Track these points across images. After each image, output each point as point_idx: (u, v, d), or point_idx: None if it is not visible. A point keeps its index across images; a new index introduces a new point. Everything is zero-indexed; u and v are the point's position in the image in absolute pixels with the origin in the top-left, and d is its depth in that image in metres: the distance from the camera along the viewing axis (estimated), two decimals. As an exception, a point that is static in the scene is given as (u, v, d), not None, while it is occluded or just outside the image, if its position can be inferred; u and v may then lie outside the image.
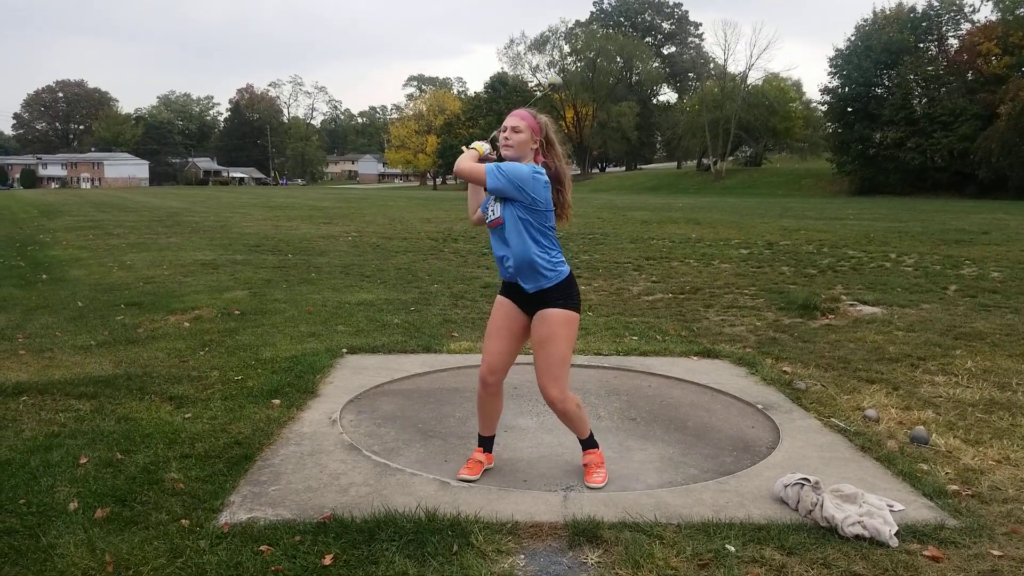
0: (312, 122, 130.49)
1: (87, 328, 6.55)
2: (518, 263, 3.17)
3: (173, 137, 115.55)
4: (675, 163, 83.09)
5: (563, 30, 77.00)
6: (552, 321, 3.18)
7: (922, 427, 3.99)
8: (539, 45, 76.27)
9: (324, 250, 13.46)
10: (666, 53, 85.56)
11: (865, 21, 51.28)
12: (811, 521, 2.89)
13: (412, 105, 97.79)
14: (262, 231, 17.92)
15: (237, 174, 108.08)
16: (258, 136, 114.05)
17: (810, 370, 5.25)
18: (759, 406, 4.43)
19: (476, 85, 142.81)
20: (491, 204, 3.22)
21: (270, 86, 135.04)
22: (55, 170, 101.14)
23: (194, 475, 3.30)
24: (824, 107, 55.76)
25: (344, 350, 5.65)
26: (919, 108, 46.61)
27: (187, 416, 4.10)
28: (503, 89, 73.58)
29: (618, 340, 6.14)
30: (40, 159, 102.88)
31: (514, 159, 3.17)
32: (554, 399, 3.23)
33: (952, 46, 49.07)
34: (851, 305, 7.79)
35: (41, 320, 6.92)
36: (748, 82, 64.30)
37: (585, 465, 3.39)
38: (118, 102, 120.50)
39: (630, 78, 79.81)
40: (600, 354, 5.66)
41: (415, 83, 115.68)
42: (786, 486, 3.08)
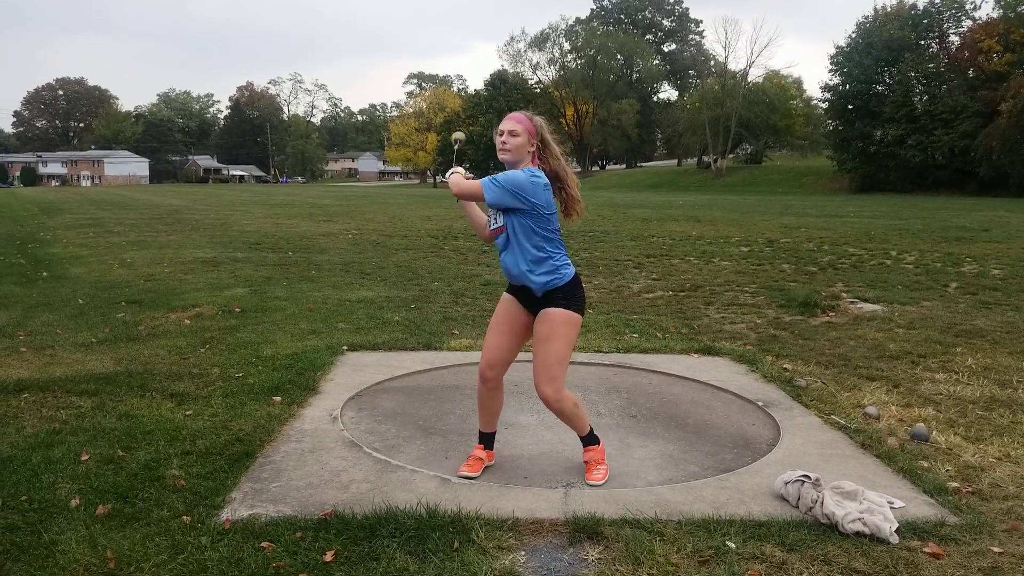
0: (312, 120, 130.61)
1: (88, 325, 6.56)
2: (523, 268, 3.17)
3: (173, 135, 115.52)
4: (675, 161, 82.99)
5: (563, 27, 76.90)
6: (554, 320, 3.18)
7: (922, 424, 3.99)
8: (539, 42, 76.15)
9: (324, 248, 13.47)
10: (666, 50, 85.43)
11: (866, 18, 51.23)
12: (811, 518, 2.90)
13: (412, 103, 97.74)
14: (262, 229, 17.92)
15: (237, 172, 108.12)
16: (258, 134, 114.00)
17: (810, 367, 5.25)
18: (759, 403, 4.43)
19: (476, 83, 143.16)
20: (493, 212, 3.23)
21: (270, 84, 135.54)
22: (55, 168, 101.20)
23: (195, 472, 3.30)
24: (825, 104, 55.65)
25: (345, 347, 5.66)
26: (920, 105, 46.54)
27: (188, 413, 4.11)
28: (503, 86, 73.51)
29: (618, 337, 6.14)
30: (40, 157, 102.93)
31: (512, 163, 3.17)
32: (548, 398, 3.23)
33: (953, 43, 49.01)
34: (852, 302, 7.79)
35: (42, 317, 6.92)
36: (749, 79, 64.24)
37: (585, 462, 3.39)
38: (118, 100, 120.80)
39: (630, 75, 79.68)
40: (600, 351, 5.66)
41: (415, 80, 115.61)
42: (787, 483, 3.08)
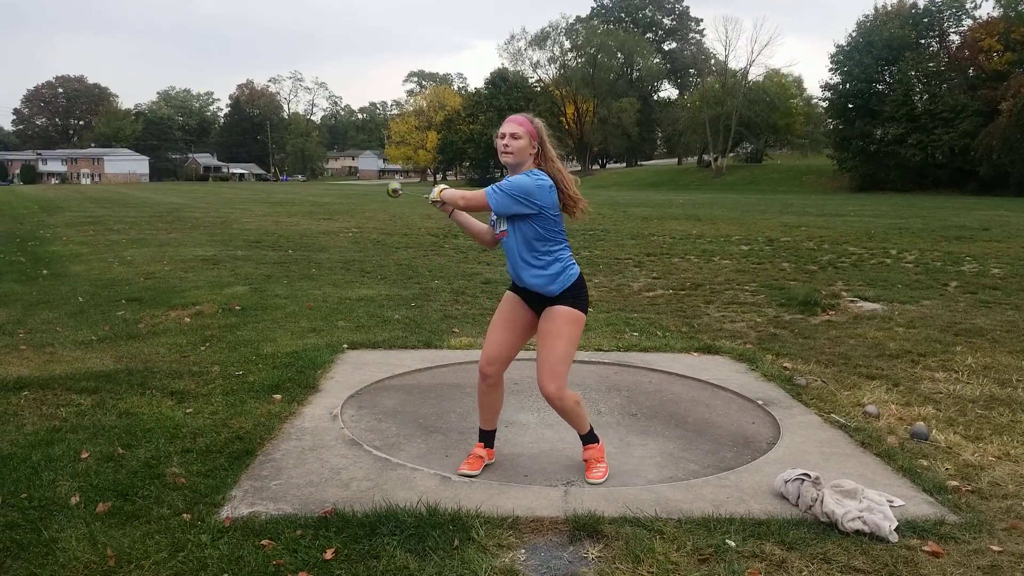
0: (312, 118, 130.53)
1: (88, 323, 6.56)
2: (530, 271, 3.18)
3: (173, 133, 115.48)
4: (676, 159, 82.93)
5: (564, 26, 76.80)
6: (558, 318, 3.19)
7: (922, 423, 4.00)
8: (540, 41, 76.09)
9: (324, 246, 13.46)
10: (667, 49, 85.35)
11: (866, 17, 51.21)
12: (811, 516, 2.90)
13: (412, 101, 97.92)
14: (262, 227, 17.92)
15: (237, 170, 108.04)
16: (258, 132, 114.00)
17: (810, 366, 5.25)
18: (759, 402, 4.43)
19: (477, 81, 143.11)
20: (497, 217, 3.23)
21: (270, 82, 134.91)
22: (55, 166, 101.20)
23: (195, 470, 3.30)
24: (825, 103, 55.62)
25: (345, 346, 5.66)
26: (920, 104, 46.50)
27: (188, 411, 4.11)
28: (503, 85, 73.52)
29: (619, 336, 6.14)
30: (40, 155, 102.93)
31: (514, 165, 3.17)
32: (551, 395, 3.23)
33: (953, 42, 48.97)
34: (852, 301, 7.79)
35: (42, 315, 6.92)
36: (749, 78, 64.13)
37: (585, 460, 3.39)
38: (118, 98, 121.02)
39: (631, 74, 79.63)
40: (601, 350, 5.66)
41: (415, 79, 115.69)
42: (786, 481, 3.08)
